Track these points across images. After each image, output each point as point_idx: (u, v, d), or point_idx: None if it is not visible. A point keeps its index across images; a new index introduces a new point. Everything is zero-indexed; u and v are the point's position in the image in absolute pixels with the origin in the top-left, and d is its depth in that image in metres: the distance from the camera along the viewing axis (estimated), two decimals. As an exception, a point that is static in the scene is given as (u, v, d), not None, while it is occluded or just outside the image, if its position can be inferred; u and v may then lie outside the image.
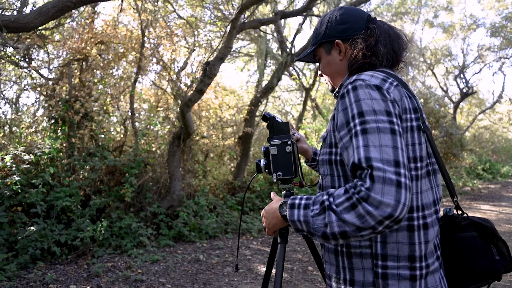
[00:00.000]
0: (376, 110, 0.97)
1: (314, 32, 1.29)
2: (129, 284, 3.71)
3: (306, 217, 1.00)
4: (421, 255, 1.04)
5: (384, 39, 1.15)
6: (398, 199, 0.88)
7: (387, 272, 1.03)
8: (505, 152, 21.59)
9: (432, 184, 1.10)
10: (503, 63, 18.45)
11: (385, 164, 0.90)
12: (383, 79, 1.05)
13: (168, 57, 7.26)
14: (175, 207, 5.81)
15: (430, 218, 1.07)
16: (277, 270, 1.26)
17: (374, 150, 0.92)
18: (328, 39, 1.22)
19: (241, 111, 8.83)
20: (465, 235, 1.13)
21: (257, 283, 3.93)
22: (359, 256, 1.07)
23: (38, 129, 5.83)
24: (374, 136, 0.94)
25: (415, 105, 1.07)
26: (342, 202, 0.93)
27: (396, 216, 0.89)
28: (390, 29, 1.19)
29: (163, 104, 7.45)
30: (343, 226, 0.92)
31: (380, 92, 1.00)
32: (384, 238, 1.04)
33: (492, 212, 8.05)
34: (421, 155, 1.05)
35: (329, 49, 1.23)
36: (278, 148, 1.31)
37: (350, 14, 1.21)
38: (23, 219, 4.25)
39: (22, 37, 5.47)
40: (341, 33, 1.19)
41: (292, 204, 1.06)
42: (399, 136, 0.95)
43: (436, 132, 13.45)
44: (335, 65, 1.23)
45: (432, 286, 1.05)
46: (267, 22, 6.27)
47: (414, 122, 1.04)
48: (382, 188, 0.88)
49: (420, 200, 1.06)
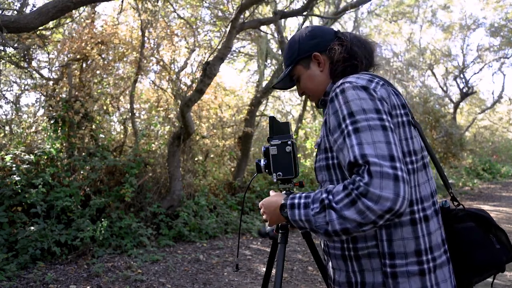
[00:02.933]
0: (365, 109, 0.99)
1: (286, 55, 1.31)
2: (129, 284, 3.72)
3: (308, 216, 1.01)
4: (426, 247, 1.04)
5: (357, 43, 1.22)
6: (397, 192, 0.89)
7: (396, 271, 1.03)
8: (505, 152, 21.60)
9: (428, 176, 1.12)
10: (503, 63, 18.49)
11: (381, 159, 0.92)
12: (369, 79, 1.08)
13: (168, 57, 7.26)
14: (175, 207, 5.81)
15: (430, 210, 1.08)
16: (277, 270, 1.26)
17: (368, 147, 0.94)
18: (305, 55, 1.25)
19: (241, 111, 8.83)
20: (464, 226, 1.14)
21: (257, 283, 3.93)
22: (367, 257, 1.07)
23: (38, 129, 5.83)
24: (367, 133, 0.96)
25: (402, 101, 1.10)
26: (341, 199, 0.94)
27: (397, 209, 0.90)
28: (357, 36, 1.26)
29: (163, 104, 7.45)
30: (344, 223, 0.93)
31: (368, 92, 1.03)
32: (390, 236, 1.04)
33: (492, 212, 8.05)
34: (415, 149, 1.07)
35: (307, 64, 1.26)
36: (278, 148, 1.31)
37: (318, 29, 1.28)
38: (23, 219, 4.25)
39: (22, 37, 5.48)
40: (316, 46, 1.24)
41: (292, 205, 1.06)
42: (391, 131, 0.98)
43: (436, 132, 13.46)
44: (317, 77, 1.25)
45: (442, 280, 1.06)
46: (266, 22, 6.27)
47: (404, 118, 1.07)
48: (380, 183, 0.89)
49: (418, 193, 1.07)
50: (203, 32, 8.50)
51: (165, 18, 7.26)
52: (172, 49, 7.15)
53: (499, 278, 4.01)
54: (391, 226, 1.04)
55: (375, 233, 1.05)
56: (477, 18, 18.56)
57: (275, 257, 1.43)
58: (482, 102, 21.57)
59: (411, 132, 1.07)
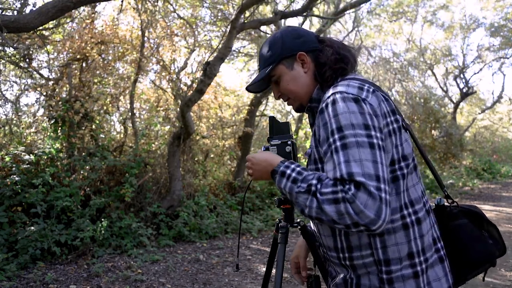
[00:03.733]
0: (354, 124, 0.98)
1: (266, 54, 1.23)
2: (129, 284, 3.72)
3: (291, 190, 1.04)
4: (418, 250, 1.06)
5: (342, 47, 1.20)
6: (378, 214, 0.91)
7: (391, 277, 1.05)
8: (505, 152, 21.60)
9: (418, 177, 1.13)
10: (503, 63, 18.47)
11: (367, 178, 0.92)
12: (360, 87, 1.06)
13: (168, 57, 7.26)
14: (175, 207, 5.81)
15: (421, 212, 1.09)
16: (277, 270, 1.26)
17: (355, 165, 0.94)
18: (289, 54, 1.19)
19: (241, 111, 8.84)
20: (458, 223, 1.16)
21: (257, 283, 3.93)
22: (363, 267, 1.08)
23: (38, 129, 5.83)
24: (354, 150, 0.95)
25: (392, 107, 1.09)
26: (326, 193, 0.95)
27: (373, 229, 0.92)
28: (339, 40, 1.24)
29: (163, 104, 7.45)
30: (321, 214, 0.96)
31: (358, 105, 1.01)
32: (384, 243, 1.05)
33: (492, 212, 8.05)
34: (406, 154, 1.08)
35: (291, 64, 1.20)
36: (278, 148, 1.31)
37: (302, 30, 1.24)
38: (23, 219, 4.25)
39: (22, 37, 5.47)
40: (302, 46, 1.19)
41: (283, 173, 1.08)
42: (378, 149, 0.97)
43: (436, 132, 13.46)
44: (301, 79, 1.20)
45: (433, 279, 1.07)
46: (267, 22, 6.27)
47: (394, 124, 1.06)
48: (366, 200, 0.90)
49: (407, 196, 1.08)
50: (203, 32, 8.50)
51: (165, 18, 7.26)
52: (172, 49, 7.15)
53: (499, 278, 4.01)
54: (384, 233, 1.05)
55: (369, 241, 1.06)
56: (477, 18, 18.54)
57: (275, 257, 1.43)
58: (482, 102, 21.57)
59: (401, 138, 1.07)
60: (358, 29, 13.14)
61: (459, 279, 1.15)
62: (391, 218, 1.05)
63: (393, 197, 1.05)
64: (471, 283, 3.52)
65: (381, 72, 14.04)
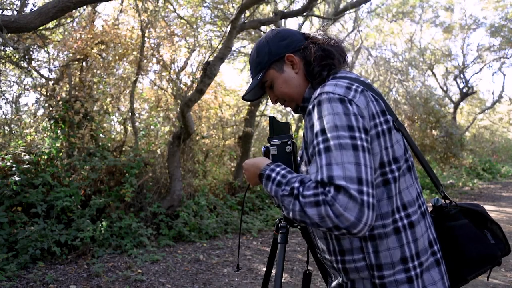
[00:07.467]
0: (338, 126, 0.96)
1: (255, 61, 1.23)
2: (129, 284, 3.72)
3: (277, 193, 1.03)
4: (412, 254, 1.04)
5: (329, 42, 1.17)
6: (359, 217, 0.89)
7: (384, 282, 1.03)
8: (505, 152, 21.60)
9: (413, 178, 1.10)
10: (503, 63, 18.48)
11: (348, 181, 0.90)
12: (348, 87, 1.04)
13: (168, 57, 7.26)
14: (175, 207, 5.81)
15: (415, 215, 1.07)
16: (277, 270, 1.26)
17: (336, 167, 0.92)
18: (277, 57, 1.19)
19: (241, 111, 8.84)
20: (457, 224, 1.13)
21: (257, 283, 3.93)
22: (355, 271, 1.08)
23: (38, 129, 5.83)
24: (337, 153, 0.93)
25: (382, 107, 1.06)
26: (308, 196, 0.94)
27: (354, 232, 0.90)
28: (327, 35, 1.22)
29: (163, 104, 7.45)
30: (304, 217, 0.95)
31: (343, 105, 0.99)
32: (376, 247, 1.04)
33: (492, 212, 8.05)
34: (397, 156, 1.05)
35: (281, 67, 1.19)
36: (278, 148, 1.31)
37: (285, 31, 1.23)
38: (23, 219, 4.25)
39: (22, 37, 5.47)
40: (288, 47, 1.19)
41: (268, 176, 1.08)
42: (362, 151, 0.95)
43: (437, 132, 13.46)
44: (293, 80, 1.19)
45: (429, 283, 1.05)
46: (267, 22, 6.26)
47: (384, 126, 1.03)
48: (346, 203, 0.88)
49: (400, 200, 1.05)
50: (203, 32, 8.51)
51: (165, 18, 7.26)
52: (172, 49, 7.15)
53: (499, 278, 4.01)
54: (376, 238, 1.03)
55: (361, 245, 1.05)
56: (477, 18, 18.55)
57: (275, 257, 1.43)
58: (482, 102, 21.59)
59: (391, 139, 1.04)
60: (358, 29, 13.15)
61: (459, 280, 1.13)
62: (383, 223, 1.03)
63: (384, 201, 1.03)
64: (471, 283, 3.52)
65: (381, 72, 14.04)
